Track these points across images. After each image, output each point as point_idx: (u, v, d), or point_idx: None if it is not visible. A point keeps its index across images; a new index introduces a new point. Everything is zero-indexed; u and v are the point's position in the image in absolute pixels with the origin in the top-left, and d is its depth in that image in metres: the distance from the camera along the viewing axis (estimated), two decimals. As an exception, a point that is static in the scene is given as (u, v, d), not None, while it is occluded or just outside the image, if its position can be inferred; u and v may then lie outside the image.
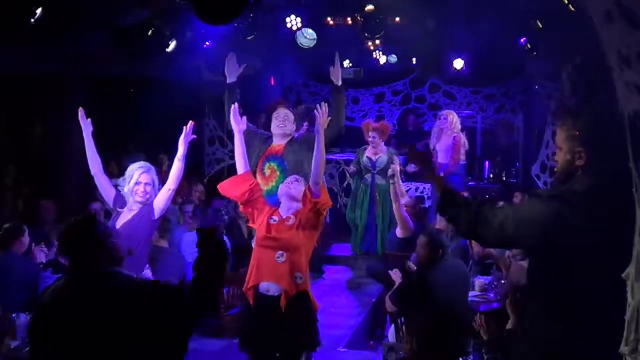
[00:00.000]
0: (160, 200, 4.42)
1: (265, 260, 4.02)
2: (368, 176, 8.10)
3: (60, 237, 2.63)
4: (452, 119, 8.57)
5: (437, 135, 8.67)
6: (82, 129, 4.61)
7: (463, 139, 8.56)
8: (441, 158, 8.64)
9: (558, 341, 2.56)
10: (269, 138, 5.20)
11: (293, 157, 4.97)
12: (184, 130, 4.56)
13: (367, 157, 8.08)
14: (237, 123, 4.47)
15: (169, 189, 4.43)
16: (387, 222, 7.94)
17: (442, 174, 8.57)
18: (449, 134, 8.51)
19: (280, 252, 3.97)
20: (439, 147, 8.64)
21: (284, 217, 4.08)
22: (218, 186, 4.47)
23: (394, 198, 6.38)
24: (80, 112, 4.60)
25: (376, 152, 8.06)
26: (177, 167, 4.48)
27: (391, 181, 6.65)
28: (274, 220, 4.09)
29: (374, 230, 8.08)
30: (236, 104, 4.66)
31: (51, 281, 4.85)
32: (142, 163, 4.57)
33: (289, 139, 5.16)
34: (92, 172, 4.62)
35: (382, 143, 8.09)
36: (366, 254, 8.14)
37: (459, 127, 8.61)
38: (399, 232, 6.44)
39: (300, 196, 4.11)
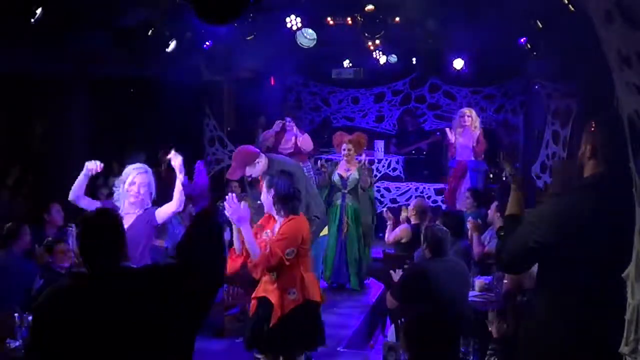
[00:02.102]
0: (165, 212, 4.43)
1: (265, 276, 4.04)
2: (338, 195, 7.33)
3: (82, 229, 2.56)
4: (474, 116, 8.72)
5: (459, 132, 8.76)
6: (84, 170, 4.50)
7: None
8: (460, 155, 8.70)
9: (559, 341, 2.56)
10: None
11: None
12: (172, 158, 4.48)
13: (338, 174, 7.32)
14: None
15: (174, 212, 4.44)
16: (357, 247, 7.27)
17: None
18: (471, 131, 8.62)
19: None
20: (459, 144, 8.71)
21: (268, 236, 4.08)
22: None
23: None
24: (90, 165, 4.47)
25: (348, 167, 7.31)
26: (178, 186, 4.43)
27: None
28: (267, 235, 4.10)
29: (344, 260, 7.29)
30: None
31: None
32: (139, 165, 4.53)
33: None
34: (71, 198, 4.46)
35: (356, 157, 7.39)
36: (339, 287, 7.37)
37: (479, 124, 8.72)
38: (403, 240, 6.73)
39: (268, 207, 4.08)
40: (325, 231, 6.35)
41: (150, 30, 7.38)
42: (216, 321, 5.89)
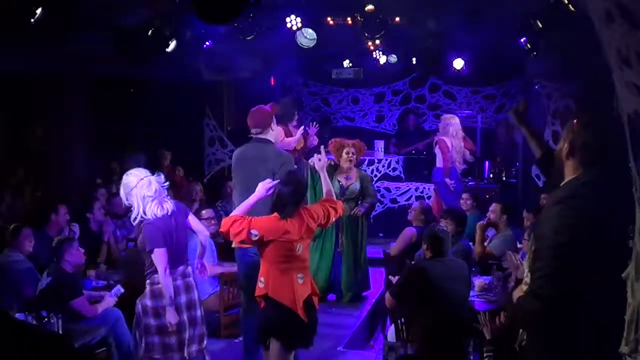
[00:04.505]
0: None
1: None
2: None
3: None
4: (443, 122, 8.72)
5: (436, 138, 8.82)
6: None
7: (445, 143, 8.58)
8: (437, 162, 8.73)
9: (559, 342, 2.56)
10: None
11: None
12: None
13: (338, 181, 6.91)
14: None
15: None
16: (353, 260, 6.99)
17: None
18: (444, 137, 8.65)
19: None
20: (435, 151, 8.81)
21: None
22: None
23: None
24: None
25: (349, 175, 6.98)
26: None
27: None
28: None
29: (338, 273, 6.98)
30: None
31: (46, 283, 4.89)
32: (142, 170, 4.39)
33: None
34: None
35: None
36: (333, 301, 7.05)
37: (449, 130, 8.60)
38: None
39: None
40: None
41: (150, 30, 7.38)
42: (214, 321, 5.89)
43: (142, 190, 4.19)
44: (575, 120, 2.65)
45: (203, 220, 6.26)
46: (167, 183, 4.41)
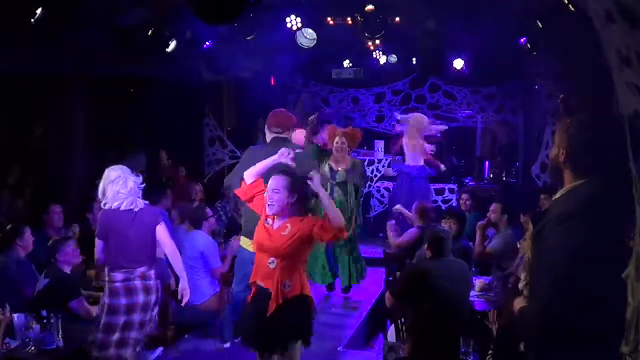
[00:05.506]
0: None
1: (260, 263, 4.10)
2: (326, 187, 6.82)
3: None
4: (410, 123, 8.81)
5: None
6: None
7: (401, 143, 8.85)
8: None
9: (562, 347, 2.56)
10: None
11: None
12: None
13: (329, 165, 7.00)
14: None
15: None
16: (349, 247, 7.02)
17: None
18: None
19: (272, 258, 4.00)
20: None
21: (278, 225, 4.05)
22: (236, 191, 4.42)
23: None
24: None
25: (340, 162, 7.05)
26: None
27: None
28: (268, 224, 4.09)
29: (333, 259, 7.02)
30: None
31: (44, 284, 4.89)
32: (121, 166, 4.62)
33: None
34: None
35: (347, 152, 7.09)
36: (329, 287, 7.19)
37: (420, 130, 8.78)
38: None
39: (281, 208, 4.01)
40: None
41: (150, 30, 7.38)
42: (214, 321, 5.89)
43: (117, 186, 4.44)
44: (568, 121, 2.62)
45: (210, 218, 6.33)
46: (144, 185, 4.57)
